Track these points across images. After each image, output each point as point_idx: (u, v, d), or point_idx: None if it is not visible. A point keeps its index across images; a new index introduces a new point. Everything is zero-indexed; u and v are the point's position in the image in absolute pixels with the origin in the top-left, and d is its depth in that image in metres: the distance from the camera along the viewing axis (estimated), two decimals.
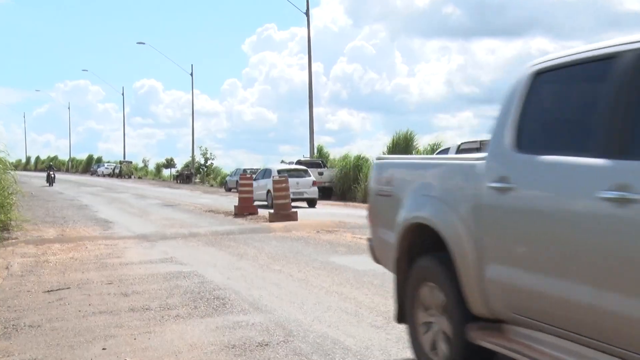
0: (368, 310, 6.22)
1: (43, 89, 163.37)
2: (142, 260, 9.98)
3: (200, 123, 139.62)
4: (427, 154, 26.63)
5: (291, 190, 21.11)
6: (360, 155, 30.22)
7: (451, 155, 7.76)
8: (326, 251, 10.66)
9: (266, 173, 23.06)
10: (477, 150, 12.50)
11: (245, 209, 18.81)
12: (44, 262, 9.93)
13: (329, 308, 6.36)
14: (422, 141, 30.73)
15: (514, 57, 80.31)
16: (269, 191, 21.24)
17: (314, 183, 22.76)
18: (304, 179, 22.63)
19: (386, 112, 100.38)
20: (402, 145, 28.08)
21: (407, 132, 28.99)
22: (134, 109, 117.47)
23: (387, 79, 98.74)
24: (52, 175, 39.88)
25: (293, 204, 17.09)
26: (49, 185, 37.31)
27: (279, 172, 22.05)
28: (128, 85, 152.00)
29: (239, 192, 19.74)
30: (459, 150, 12.95)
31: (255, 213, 18.57)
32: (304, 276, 8.19)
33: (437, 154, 14.11)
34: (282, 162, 44.95)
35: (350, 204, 25.46)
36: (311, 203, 22.55)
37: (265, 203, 21.48)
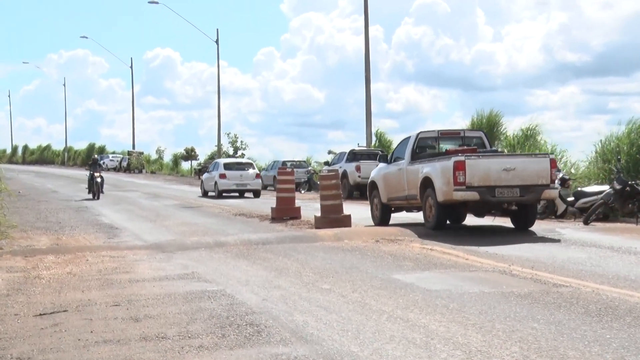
0: (442, 342, 6.15)
1: (32, 61, 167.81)
2: (156, 276, 10.12)
3: (228, 103, 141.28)
4: (515, 140, 26.20)
5: (235, 182, 30.87)
6: None
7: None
8: (388, 266, 10.62)
9: (215, 166, 32.15)
10: (435, 139, 16.48)
11: (285, 212, 18.89)
12: (35, 279, 10.16)
13: (392, 339, 6.31)
14: (512, 125, 30.32)
15: (637, 14, 78.33)
16: (215, 182, 31.12)
17: (257, 175, 31.37)
18: (247, 171, 31.23)
19: (464, 88, 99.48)
20: (486, 129, 27.69)
21: (491, 114, 28.65)
22: (145, 85, 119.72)
23: (466, 45, 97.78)
24: (99, 180, 28.60)
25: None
26: (93, 197, 28.62)
27: (225, 165, 31.40)
28: (137, 55, 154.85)
29: (277, 190, 19.86)
30: (417, 139, 16.12)
31: (298, 217, 18.64)
32: (360, 297, 8.17)
33: (400, 143, 17.10)
34: (330, 152, 45.03)
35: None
36: (256, 194, 31.28)
37: (214, 194, 31.30)
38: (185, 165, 65.15)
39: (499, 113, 28.74)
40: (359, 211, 20.99)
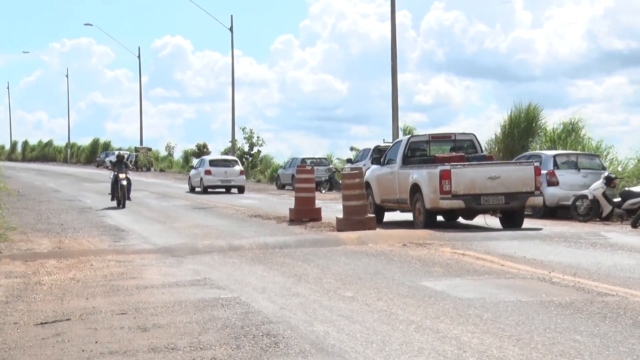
0: (475, 356, 6.14)
1: (33, 50, 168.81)
2: (165, 282, 10.17)
3: (243, 96, 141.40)
4: (556, 135, 26.05)
5: (220, 178, 33.99)
6: None
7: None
8: (416, 272, 10.59)
9: (201, 163, 35.92)
10: (427, 143, 18.27)
11: (304, 214, 18.91)
12: (36, 285, 10.25)
13: (421, 351, 6.30)
14: (552, 118, 30.12)
15: None
16: (201, 179, 34.38)
17: (241, 172, 34.94)
18: (232, 168, 34.72)
19: (500, 79, 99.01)
20: (524, 124, 27.60)
21: (530, 107, 28.46)
22: (154, 76, 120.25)
23: (502, 31, 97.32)
24: (124, 183, 24.69)
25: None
26: (118, 205, 24.60)
27: (211, 162, 34.94)
28: (145, 44, 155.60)
29: (296, 190, 19.89)
30: (409, 142, 17.94)
31: (319, 219, 18.65)
32: (386, 306, 8.16)
33: (393, 145, 19.04)
34: (353, 148, 45.05)
35: None
36: (240, 190, 34.44)
37: (200, 189, 34.38)
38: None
39: (538, 106, 28.57)
40: (384, 213, 20.95)
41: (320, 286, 9.56)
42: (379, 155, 20.14)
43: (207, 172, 34.19)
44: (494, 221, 17.22)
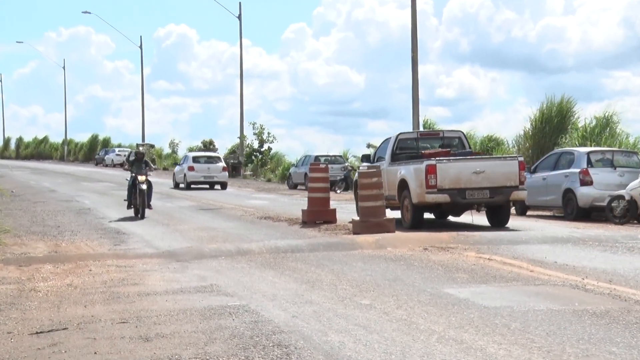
0: None
1: (27, 40, 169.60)
2: (169, 289, 10.18)
3: (252, 89, 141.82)
4: (587, 130, 25.93)
5: (202, 174, 36.95)
6: (490, 136, 29.91)
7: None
8: (438, 278, 10.58)
9: (185, 160, 38.85)
10: (415, 140, 19.63)
11: (318, 215, 18.89)
12: (31, 291, 10.28)
13: None
14: (586, 112, 29.97)
15: None
16: (184, 175, 37.21)
17: (223, 169, 37.98)
18: (215, 164, 37.69)
19: (529, 70, 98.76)
20: (555, 119, 27.48)
21: (562, 100, 28.35)
22: (157, 68, 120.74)
23: (531, 19, 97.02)
24: (144, 187, 21.24)
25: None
26: (136, 215, 21.26)
27: (194, 159, 37.89)
28: (148, 33, 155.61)
29: (309, 189, 19.86)
30: (398, 140, 19.22)
31: (333, 221, 18.63)
32: (406, 315, 8.15)
33: (382, 143, 20.30)
34: (369, 145, 44.96)
35: None
36: (223, 186, 37.55)
37: (183, 185, 37.50)
38: None
39: (571, 99, 28.44)
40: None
41: (335, 293, 9.55)
42: (368, 154, 21.43)
43: (190, 169, 37.15)
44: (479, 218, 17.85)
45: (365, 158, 20.65)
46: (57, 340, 7.45)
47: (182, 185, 37.72)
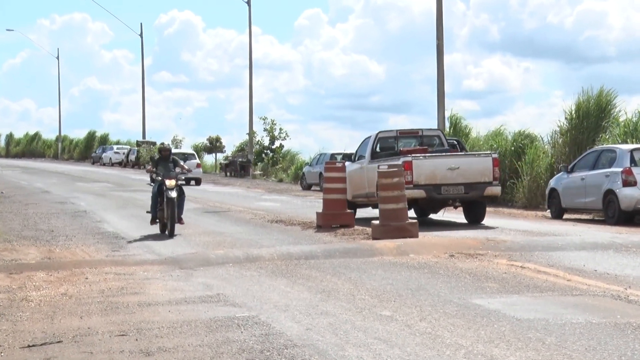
0: None
1: (18, 28, 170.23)
2: (172, 298, 10.19)
3: (262, 81, 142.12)
4: (629, 126, 25.79)
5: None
6: (522, 131, 29.77)
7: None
8: (466, 287, 10.55)
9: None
10: (394, 139, 21.77)
11: (334, 219, 18.88)
12: (22, 301, 10.30)
13: None
14: (629, 105, 29.71)
15: None
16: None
17: (198, 165, 44.20)
18: (189, 161, 41.20)
19: (566, 60, 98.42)
20: (594, 113, 27.31)
21: (602, 93, 28.21)
22: (159, 58, 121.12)
23: (568, 3, 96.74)
24: (173, 196, 17.84)
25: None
26: (163, 231, 18.09)
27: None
28: (149, 20, 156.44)
29: (324, 190, 19.88)
30: (377, 138, 21.42)
31: (351, 225, 18.64)
32: (430, 327, 8.13)
33: (363, 141, 22.32)
34: None
35: (505, 210, 25.12)
36: (197, 182, 43.25)
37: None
38: (209, 159, 65.64)
39: (612, 91, 28.26)
40: (428, 218, 20.90)
41: (353, 304, 9.54)
42: (350, 153, 23.28)
43: None
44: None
45: (347, 157, 22.60)
46: (50, 355, 7.46)
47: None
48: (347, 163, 21.61)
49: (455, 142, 30.87)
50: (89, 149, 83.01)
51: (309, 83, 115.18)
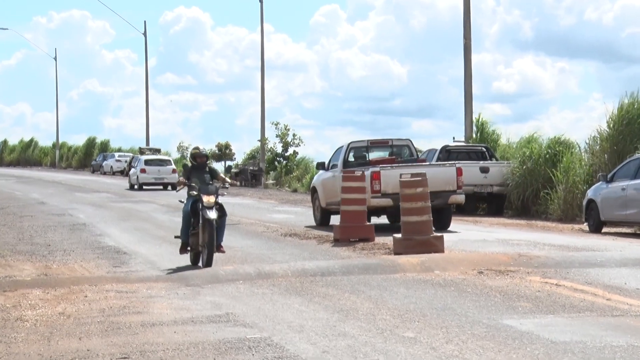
0: None
1: (12, 27, 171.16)
2: (178, 318, 10.21)
3: (275, 83, 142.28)
4: None
5: (153, 176, 48.23)
6: (558, 138, 29.63)
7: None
8: (496, 307, 10.54)
9: (138, 163, 50.46)
10: (366, 148, 24.62)
11: (352, 232, 18.87)
12: (17, 321, 10.33)
13: None
14: None
15: None
16: (137, 176, 48.09)
17: (173, 171, 48.08)
18: (165, 167, 49.08)
19: (605, 59, 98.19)
20: (637, 118, 27.14)
21: None
22: (164, 59, 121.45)
23: None
24: (213, 217, 14.94)
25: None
26: (196, 262, 15.49)
27: (146, 162, 49.31)
28: (153, 18, 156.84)
29: (342, 201, 19.85)
30: (349, 148, 24.27)
31: (371, 238, 18.63)
32: (457, 350, 8.13)
33: (336, 151, 25.55)
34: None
35: (539, 223, 25.04)
36: (173, 187, 43.33)
37: (136, 186, 47.87)
38: (218, 167, 65.63)
39: None
40: (455, 231, 20.87)
41: (373, 324, 9.54)
42: (323, 162, 25.67)
43: (142, 171, 48.13)
44: None
45: (320, 165, 25.27)
46: None
47: (136, 187, 48.14)
48: (321, 172, 25.06)
49: (484, 149, 30.97)
50: (89, 157, 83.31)
51: (326, 85, 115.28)
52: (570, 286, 11.99)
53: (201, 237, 15.00)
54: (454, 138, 35.91)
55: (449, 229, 21.50)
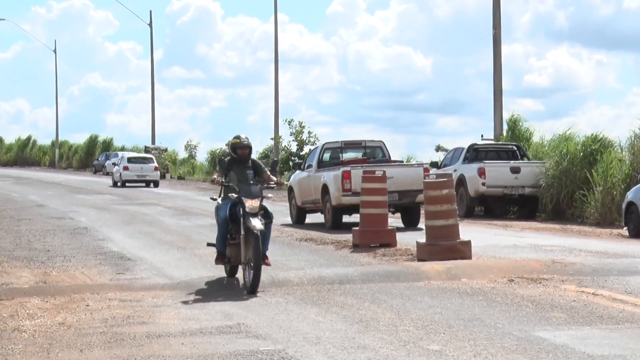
0: None
1: (10, 17, 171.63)
2: (185, 329, 10.22)
3: (289, 76, 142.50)
4: None
5: (136, 173, 52.90)
6: (595, 136, 29.56)
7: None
8: (528, 318, 10.52)
9: (121, 160, 55.26)
10: (340, 149, 27.06)
11: (372, 237, 18.84)
12: (14, 331, 10.36)
13: None
14: None
15: None
16: (120, 174, 52.62)
17: (155, 168, 53.69)
18: (147, 165, 53.59)
19: None
20: None
21: None
22: (171, 51, 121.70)
23: None
24: (259, 226, 13.39)
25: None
26: (232, 274, 14.44)
27: (129, 159, 54.11)
28: (159, 8, 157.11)
29: (362, 204, 19.82)
30: (323, 149, 26.81)
31: (392, 244, 18.59)
32: None
33: (311, 151, 28.05)
34: (439, 148, 44.79)
35: (574, 227, 24.95)
36: (155, 184, 52.45)
37: (119, 184, 52.49)
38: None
39: None
40: (483, 236, 20.81)
41: (395, 336, 9.54)
42: (301, 161, 27.94)
43: (125, 168, 52.39)
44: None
45: (297, 166, 28.65)
46: None
47: (119, 184, 52.29)
48: (297, 172, 27.95)
49: (515, 148, 30.86)
50: (91, 156, 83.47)
51: (344, 79, 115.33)
52: (608, 295, 11.95)
53: (243, 252, 13.43)
54: (482, 136, 35.87)
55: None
